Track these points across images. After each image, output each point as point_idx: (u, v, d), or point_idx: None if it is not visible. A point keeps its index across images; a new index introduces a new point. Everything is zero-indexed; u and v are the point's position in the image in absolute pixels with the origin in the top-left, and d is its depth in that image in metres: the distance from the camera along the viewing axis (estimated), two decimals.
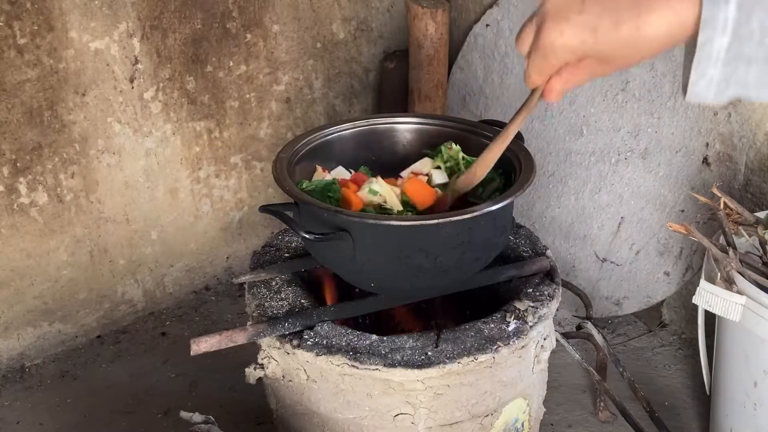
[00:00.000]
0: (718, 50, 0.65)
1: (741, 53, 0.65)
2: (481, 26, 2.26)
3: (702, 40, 0.65)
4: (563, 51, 0.75)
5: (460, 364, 1.20)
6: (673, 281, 1.97)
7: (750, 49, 0.64)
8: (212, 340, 1.25)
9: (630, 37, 0.69)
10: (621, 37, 0.70)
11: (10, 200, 1.91)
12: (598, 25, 0.71)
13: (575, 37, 0.73)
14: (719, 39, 0.64)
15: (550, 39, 0.75)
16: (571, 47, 0.74)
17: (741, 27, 0.64)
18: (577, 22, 0.72)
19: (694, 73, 0.67)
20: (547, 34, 0.75)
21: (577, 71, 0.78)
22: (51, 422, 1.89)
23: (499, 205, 1.18)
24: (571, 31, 0.73)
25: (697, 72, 0.67)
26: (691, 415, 1.86)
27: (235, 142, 2.25)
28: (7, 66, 1.81)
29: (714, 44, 0.65)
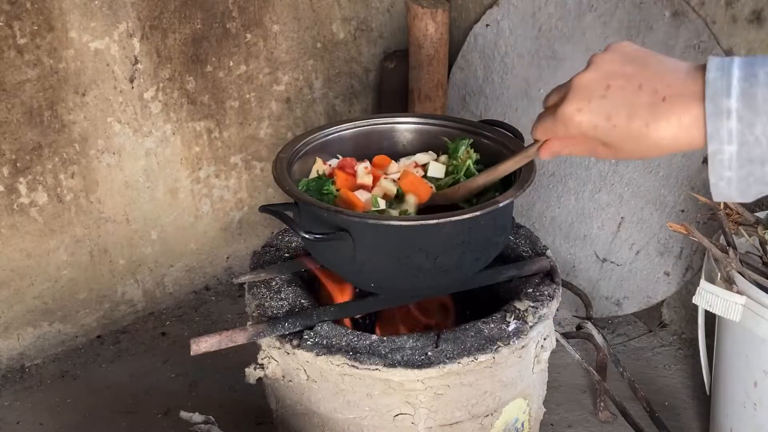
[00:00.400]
0: (729, 157, 0.70)
1: (752, 156, 0.69)
2: (481, 26, 2.26)
3: (712, 150, 0.70)
4: (574, 126, 0.80)
5: (460, 364, 1.20)
6: (673, 281, 1.97)
7: (760, 152, 0.69)
8: (212, 340, 1.25)
9: (638, 134, 0.74)
10: (630, 132, 0.75)
11: (10, 200, 1.91)
12: (613, 114, 0.76)
13: (590, 119, 0.78)
14: (728, 148, 0.69)
15: (568, 111, 0.80)
16: (584, 127, 0.79)
17: (745, 136, 0.68)
18: (596, 105, 0.77)
19: (712, 176, 0.72)
20: (567, 106, 0.80)
21: (580, 145, 0.84)
22: (51, 422, 1.89)
23: (499, 205, 1.18)
24: (588, 112, 0.78)
25: (714, 175, 0.71)
26: (691, 415, 1.86)
27: (235, 142, 2.25)
28: (7, 66, 1.81)
29: (724, 153, 0.70)
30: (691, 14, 1.79)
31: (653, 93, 0.74)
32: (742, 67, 0.69)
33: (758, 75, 0.68)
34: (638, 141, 0.75)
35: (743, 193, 0.72)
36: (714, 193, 0.74)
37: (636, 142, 0.76)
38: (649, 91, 0.74)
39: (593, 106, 0.77)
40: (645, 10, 1.86)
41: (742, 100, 0.68)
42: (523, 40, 2.14)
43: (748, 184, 0.71)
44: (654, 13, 1.84)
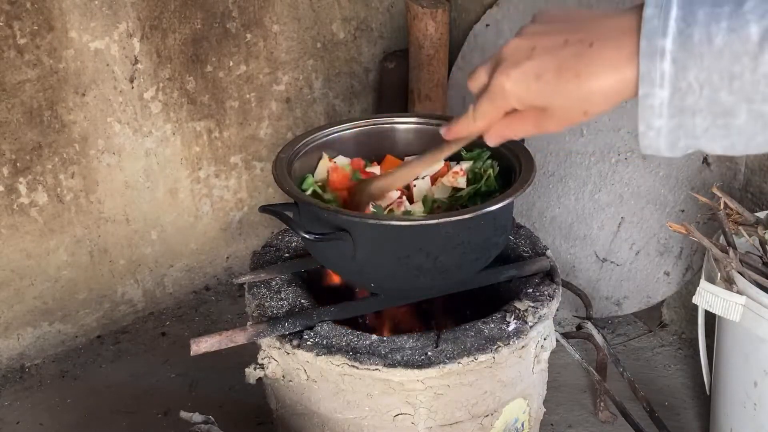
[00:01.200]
0: (660, 103, 0.65)
1: (684, 105, 0.65)
2: (481, 26, 2.26)
3: (642, 93, 0.66)
4: (510, 95, 0.76)
5: (460, 364, 1.20)
6: (673, 281, 1.97)
7: (692, 101, 0.64)
8: (212, 340, 1.25)
9: (572, 87, 0.70)
10: (563, 87, 0.71)
11: (10, 200, 1.91)
12: (542, 72, 0.72)
13: (520, 82, 0.74)
14: (659, 92, 0.65)
15: (498, 82, 0.76)
16: (517, 92, 0.75)
17: (678, 81, 0.64)
18: (523, 68, 0.74)
19: (640, 125, 0.67)
20: (496, 76, 0.76)
21: (522, 120, 0.79)
22: (51, 422, 1.89)
23: (499, 205, 1.18)
24: (517, 76, 0.74)
25: (643, 123, 0.67)
26: (691, 415, 1.86)
27: (235, 142, 2.25)
28: (7, 66, 1.81)
29: (655, 97, 0.65)
30: None
31: (579, 42, 0.70)
32: (682, 4, 0.64)
33: (697, 14, 0.63)
34: (574, 95, 0.71)
35: (672, 146, 0.68)
36: (642, 144, 0.69)
37: (573, 98, 0.71)
38: (574, 41, 0.70)
39: (521, 70, 0.74)
40: None
41: (678, 41, 0.63)
42: None
43: (677, 136, 0.67)
44: None
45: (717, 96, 0.64)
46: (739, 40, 0.61)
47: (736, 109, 0.64)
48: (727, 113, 0.64)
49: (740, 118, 0.65)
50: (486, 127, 0.84)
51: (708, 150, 0.68)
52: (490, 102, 0.79)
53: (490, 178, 1.30)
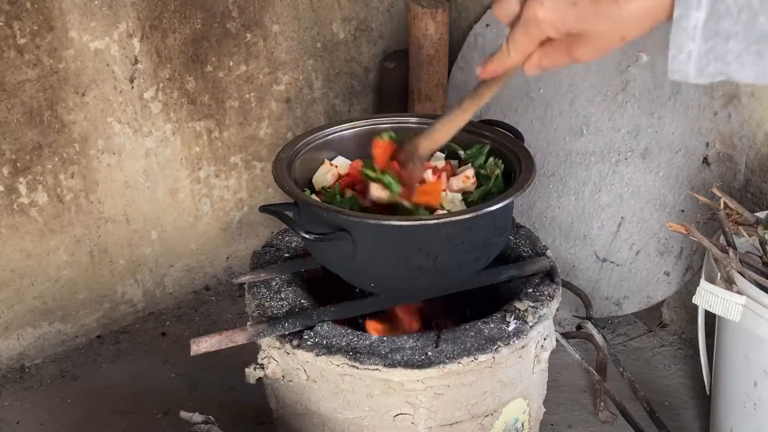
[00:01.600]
0: (695, 25, 0.64)
1: (719, 28, 0.64)
2: (481, 26, 2.26)
3: (677, 14, 0.65)
4: (545, 24, 0.74)
5: (460, 364, 1.20)
6: (673, 281, 1.97)
7: (728, 25, 0.63)
8: (212, 340, 1.25)
9: (608, 11, 0.69)
10: (599, 10, 0.69)
11: (10, 200, 1.91)
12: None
13: (556, 10, 0.72)
14: (695, 14, 0.64)
15: (532, 11, 0.74)
16: (552, 20, 0.73)
17: (717, 3, 0.63)
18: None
19: (672, 48, 0.66)
20: (529, 6, 0.74)
21: (557, 49, 0.77)
22: (51, 422, 1.89)
23: (499, 205, 1.18)
24: (551, 3, 0.72)
25: (675, 46, 0.66)
26: (691, 415, 1.86)
27: (235, 142, 2.25)
28: (7, 66, 1.81)
29: (690, 19, 0.64)
30: None
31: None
32: None
33: None
34: (612, 20, 0.69)
35: (701, 70, 0.66)
36: (670, 69, 0.68)
37: (609, 21, 0.70)
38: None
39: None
40: None
41: None
42: None
43: (708, 60, 0.66)
44: None
45: (755, 20, 0.63)
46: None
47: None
48: (764, 38, 0.63)
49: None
50: (521, 59, 0.81)
51: (737, 77, 0.67)
52: (524, 32, 0.77)
53: (498, 178, 1.30)
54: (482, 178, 1.32)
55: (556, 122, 2.08)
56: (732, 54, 0.65)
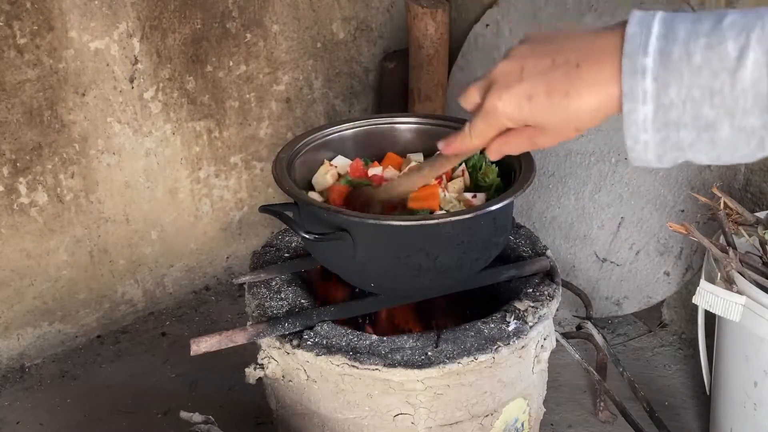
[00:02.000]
0: (644, 118, 0.67)
1: (668, 120, 0.66)
2: (481, 26, 2.26)
3: (626, 109, 0.67)
4: (503, 116, 0.79)
5: (460, 364, 1.20)
6: (673, 281, 1.97)
7: (676, 116, 0.66)
8: (212, 340, 1.25)
9: (561, 106, 0.73)
10: (553, 106, 0.73)
11: (10, 200, 1.91)
12: (533, 93, 0.75)
13: (512, 104, 0.77)
14: (642, 108, 0.67)
15: (491, 104, 0.79)
16: (509, 113, 0.78)
17: (661, 97, 0.66)
18: (515, 89, 0.76)
19: (627, 140, 0.69)
20: (489, 98, 0.79)
21: (517, 137, 0.82)
22: (51, 422, 1.89)
23: (499, 205, 1.18)
24: (508, 98, 0.77)
25: (630, 137, 0.69)
26: (691, 415, 1.86)
27: (235, 142, 2.25)
28: (7, 66, 1.81)
29: (639, 113, 0.67)
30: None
31: (566, 63, 0.72)
32: (664, 22, 0.66)
33: (677, 32, 0.65)
34: (564, 114, 0.73)
35: (660, 158, 0.69)
36: (630, 158, 0.71)
37: (563, 116, 0.74)
38: (561, 62, 0.73)
39: (513, 92, 0.76)
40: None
41: (658, 59, 0.65)
42: None
43: (664, 149, 0.68)
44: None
45: (700, 111, 0.65)
46: (717, 57, 0.63)
47: (718, 122, 0.65)
48: (711, 127, 0.66)
49: (724, 131, 0.66)
50: (482, 144, 0.86)
51: (696, 161, 0.70)
52: (485, 122, 0.82)
53: (493, 185, 1.30)
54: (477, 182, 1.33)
55: None
56: (686, 142, 0.67)
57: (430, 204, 1.24)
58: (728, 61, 0.63)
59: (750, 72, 0.63)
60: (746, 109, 0.64)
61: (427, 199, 1.25)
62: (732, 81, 0.63)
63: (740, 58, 0.63)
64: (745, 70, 0.63)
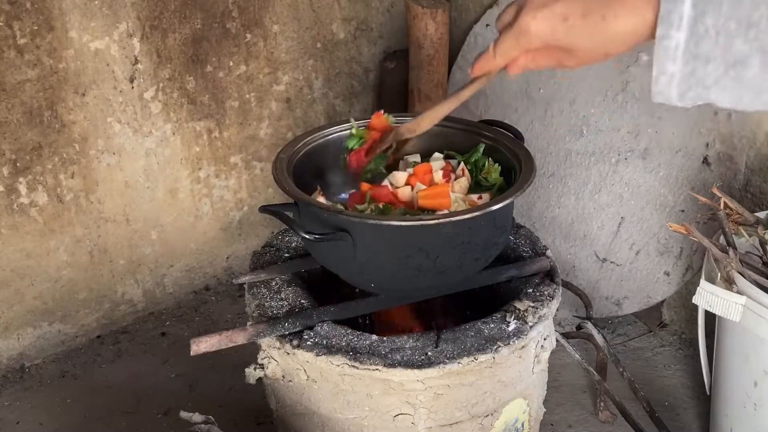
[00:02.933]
0: (676, 45, 0.67)
1: (699, 51, 0.66)
2: (481, 26, 2.26)
3: (660, 34, 0.68)
4: (535, 37, 0.79)
5: (460, 364, 1.20)
6: (673, 281, 1.97)
7: (707, 47, 0.66)
8: (212, 340, 1.25)
9: (596, 29, 0.73)
10: (588, 28, 0.74)
11: (10, 200, 1.91)
12: (569, 14, 0.75)
13: (547, 24, 0.77)
14: (676, 34, 0.67)
15: (524, 21, 0.79)
16: (543, 33, 0.78)
17: (696, 25, 0.65)
18: (551, 9, 0.76)
19: (655, 68, 0.69)
20: (523, 17, 0.79)
21: (544, 57, 0.82)
22: (51, 422, 1.89)
23: (499, 205, 1.18)
24: (544, 17, 0.77)
25: (657, 67, 0.69)
26: (691, 415, 1.86)
27: (235, 142, 2.25)
28: (7, 66, 1.81)
29: (671, 39, 0.67)
30: None
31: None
32: None
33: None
34: (598, 36, 0.74)
35: (683, 94, 0.70)
36: (653, 91, 0.71)
37: (596, 38, 0.74)
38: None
39: (548, 12, 0.77)
40: None
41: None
42: None
43: (689, 84, 0.69)
44: None
45: (732, 44, 0.65)
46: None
47: (749, 59, 0.65)
48: (740, 63, 0.65)
49: (752, 68, 0.66)
50: (505, 63, 0.87)
51: (716, 101, 0.69)
52: (513, 40, 0.82)
53: (496, 184, 1.30)
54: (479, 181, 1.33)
55: (556, 122, 2.08)
56: (711, 78, 0.67)
57: (440, 203, 1.24)
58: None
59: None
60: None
61: (438, 197, 1.25)
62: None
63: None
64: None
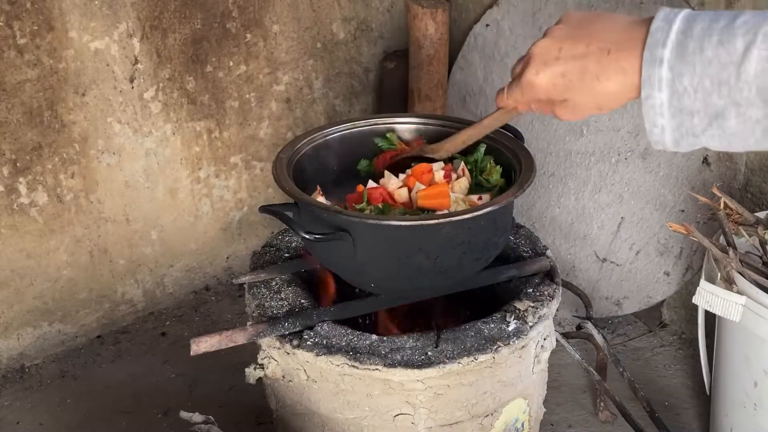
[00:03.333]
0: (661, 103, 0.75)
1: (682, 106, 0.74)
2: (481, 26, 2.26)
3: (644, 95, 0.76)
4: (538, 89, 0.88)
5: (460, 364, 1.20)
6: (673, 281, 1.97)
7: (688, 102, 0.73)
8: (212, 340, 1.25)
9: (591, 87, 0.82)
10: (584, 86, 0.83)
11: (10, 200, 1.91)
12: (567, 72, 0.84)
13: (548, 80, 0.86)
14: (658, 94, 0.75)
15: (528, 77, 0.88)
16: (544, 87, 0.87)
17: (675, 84, 0.73)
18: (552, 67, 0.85)
19: (646, 122, 0.77)
20: (527, 72, 0.89)
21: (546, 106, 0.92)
22: (51, 422, 1.89)
23: (499, 205, 1.18)
24: (545, 74, 0.86)
25: (648, 121, 0.77)
26: (691, 415, 1.86)
27: (235, 142, 2.25)
28: (7, 66, 1.81)
29: (656, 98, 0.75)
30: None
31: (600, 48, 0.80)
32: (685, 20, 0.74)
33: (695, 28, 0.73)
34: (592, 94, 0.82)
35: (677, 142, 0.77)
36: (651, 141, 0.79)
37: (590, 95, 0.83)
38: (596, 47, 0.81)
39: (550, 68, 0.85)
40: (645, 10, 1.86)
41: (675, 50, 0.73)
42: (523, 40, 2.14)
43: (681, 134, 0.76)
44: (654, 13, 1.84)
45: (709, 99, 0.72)
46: (725, 52, 0.70)
47: (726, 111, 0.72)
48: (719, 115, 0.73)
49: (731, 120, 0.73)
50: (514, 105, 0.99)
51: (711, 147, 0.76)
52: (520, 92, 0.92)
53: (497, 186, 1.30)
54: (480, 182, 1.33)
55: (556, 122, 2.08)
56: (699, 128, 0.75)
57: (440, 203, 1.24)
58: (735, 55, 0.70)
59: (754, 66, 0.69)
60: (750, 100, 0.70)
61: (438, 197, 1.25)
62: (737, 73, 0.70)
63: (746, 53, 0.69)
64: (749, 64, 0.69)
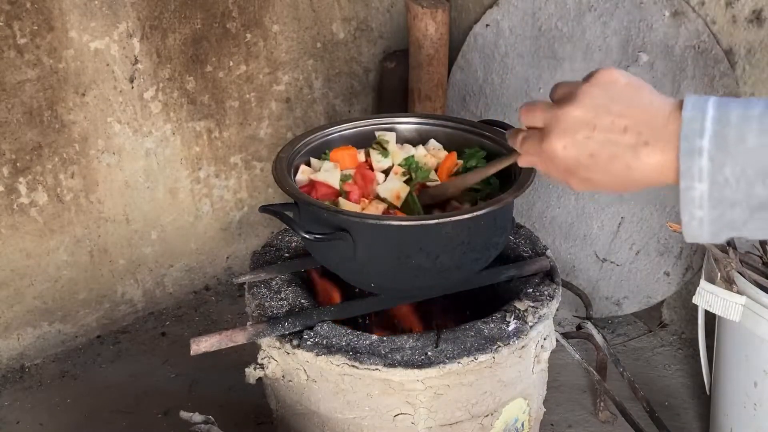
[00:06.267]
0: (700, 195, 0.71)
1: (723, 197, 0.70)
2: (481, 26, 2.26)
3: (683, 186, 0.72)
4: (560, 161, 0.80)
5: (460, 364, 1.20)
6: (673, 281, 1.97)
7: (730, 193, 0.70)
8: (212, 340, 1.25)
9: (619, 173, 0.76)
10: (611, 170, 0.77)
11: (10, 200, 1.91)
12: (596, 153, 0.76)
13: (574, 156, 0.78)
14: (698, 185, 0.71)
15: (552, 147, 0.79)
16: (568, 162, 0.79)
17: (716, 175, 0.70)
18: (581, 143, 0.77)
19: (683, 215, 0.73)
20: (553, 141, 0.79)
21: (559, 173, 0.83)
22: (51, 422, 1.89)
23: (499, 205, 1.18)
24: (572, 149, 0.78)
25: (686, 214, 0.73)
26: (691, 415, 1.86)
27: (235, 142, 2.25)
28: (7, 66, 1.81)
29: (695, 190, 0.71)
30: (690, 14, 1.79)
31: (637, 136, 0.75)
32: (717, 106, 0.70)
33: (730, 116, 0.69)
34: (617, 178, 0.77)
35: (715, 235, 0.73)
36: (685, 234, 0.74)
37: (615, 179, 0.77)
38: (633, 134, 0.75)
39: (578, 145, 0.78)
40: (645, 10, 1.86)
41: (713, 140, 0.69)
42: (523, 40, 2.14)
43: (719, 227, 0.72)
44: (654, 13, 1.84)
45: (752, 189, 0.69)
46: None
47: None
48: (763, 206, 0.69)
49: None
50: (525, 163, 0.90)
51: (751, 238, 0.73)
52: (538, 153, 0.83)
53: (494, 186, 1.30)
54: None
55: None
56: (739, 220, 0.71)
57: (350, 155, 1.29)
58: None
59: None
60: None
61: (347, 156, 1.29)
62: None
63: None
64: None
